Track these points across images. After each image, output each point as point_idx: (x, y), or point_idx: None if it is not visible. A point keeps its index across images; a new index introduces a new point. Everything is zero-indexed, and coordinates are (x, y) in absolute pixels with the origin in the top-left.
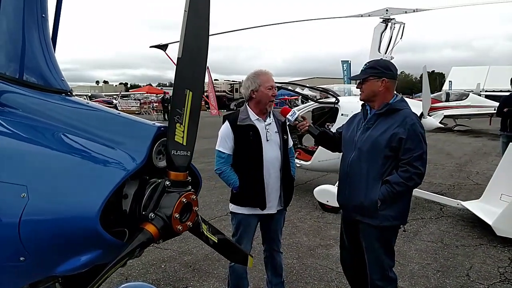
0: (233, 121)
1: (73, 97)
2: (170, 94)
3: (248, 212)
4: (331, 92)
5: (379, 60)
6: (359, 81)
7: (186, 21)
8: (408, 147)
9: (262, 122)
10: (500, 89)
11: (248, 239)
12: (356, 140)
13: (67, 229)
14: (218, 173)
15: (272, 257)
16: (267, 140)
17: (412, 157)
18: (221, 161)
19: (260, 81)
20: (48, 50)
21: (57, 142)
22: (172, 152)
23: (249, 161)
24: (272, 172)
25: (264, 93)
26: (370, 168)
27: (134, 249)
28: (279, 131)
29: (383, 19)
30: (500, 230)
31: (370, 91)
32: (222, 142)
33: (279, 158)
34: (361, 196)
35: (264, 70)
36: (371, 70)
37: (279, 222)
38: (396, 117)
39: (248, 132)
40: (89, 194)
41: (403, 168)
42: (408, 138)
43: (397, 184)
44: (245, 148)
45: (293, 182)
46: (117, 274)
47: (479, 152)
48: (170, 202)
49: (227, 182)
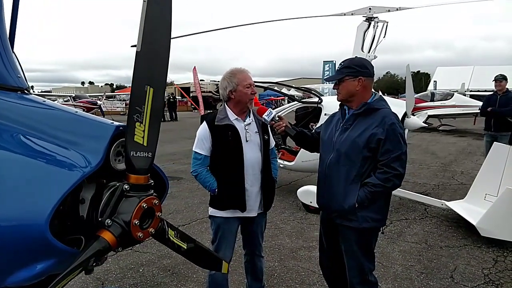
0: (210, 121)
1: (30, 95)
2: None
3: (227, 215)
4: (314, 92)
5: (353, 59)
6: (335, 82)
7: (145, 11)
8: (387, 148)
9: (241, 122)
10: (485, 89)
11: (228, 243)
12: (334, 141)
13: (15, 238)
14: (194, 175)
15: (253, 262)
16: (246, 141)
17: (390, 158)
18: (197, 162)
19: (237, 80)
20: (3, 45)
21: (6, 143)
22: (132, 154)
23: (228, 162)
24: (252, 174)
25: (243, 92)
26: (349, 170)
27: (88, 258)
28: (259, 131)
29: (366, 17)
30: (484, 231)
31: (347, 91)
32: (199, 143)
33: (259, 159)
34: (340, 199)
35: (240, 68)
36: (346, 69)
37: (260, 225)
38: (375, 116)
39: (226, 132)
40: (38, 199)
41: (381, 170)
42: (386, 138)
43: (375, 186)
44: (223, 149)
45: (274, 185)
46: (93, 279)
47: (464, 152)
48: (128, 208)
49: (204, 185)
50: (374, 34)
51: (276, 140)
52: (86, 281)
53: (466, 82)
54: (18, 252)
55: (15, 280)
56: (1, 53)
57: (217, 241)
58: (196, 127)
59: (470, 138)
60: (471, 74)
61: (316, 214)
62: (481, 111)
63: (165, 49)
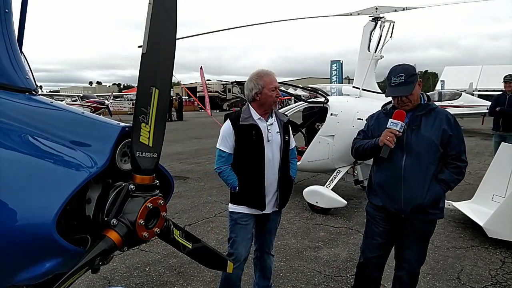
0: (235, 120)
1: (37, 96)
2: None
3: (245, 211)
4: (320, 92)
5: (407, 67)
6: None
7: (151, 14)
8: (456, 143)
9: (264, 122)
10: (493, 89)
11: (244, 241)
12: (405, 143)
13: (22, 237)
14: (218, 172)
15: (262, 258)
16: (268, 141)
17: (461, 151)
18: (222, 160)
19: (263, 83)
20: (12, 46)
21: (14, 144)
22: (137, 154)
23: (250, 161)
24: (271, 173)
25: (268, 95)
26: (428, 168)
27: (94, 257)
28: (280, 131)
29: (373, 17)
30: (492, 232)
31: (417, 97)
32: (223, 141)
33: (278, 159)
34: (420, 197)
35: (266, 70)
36: (413, 77)
37: (274, 222)
38: (437, 115)
39: (250, 132)
40: (45, 199)
41: (453, 164)
42: (454, 133)
43: (453, 181)
44: (246, 148)
45: (291, 184)
46: (100, 277)
47: (471, 152)
48: (134, 208)
49: (226, 182)
50: (381, 34)
51: None
52: (92, 279)
53: (474, 81)
54: (25, 251)
55: (22, 278)
56: (10, 54)
57: (234, 236)
58: (202, 126)
59: (478, 138)
60: (479, 73)
61: (322, 214)
62: (489, 111)
63: (170, 51)
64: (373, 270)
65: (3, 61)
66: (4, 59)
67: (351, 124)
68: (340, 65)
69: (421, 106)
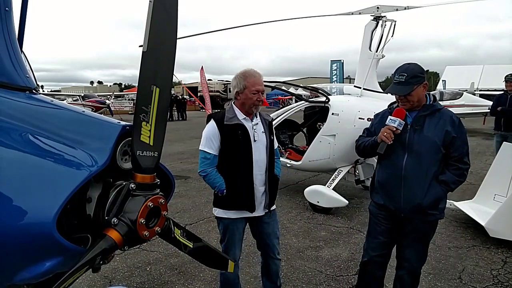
0: (219, 120)
1: (38, 95)
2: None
3: (235, 216)
4: (321, 91)
5: (413, 67)
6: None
7: (151, 12)
8: (459, 144)
9: (249, 122)
10: (495, 88)
11: (238, 243)
12: (407, 143)
13: (22, 236)
14: (203, 175)
15: (267, 263)
16: (254, 141)
17: (463, 153)
18: (207, 162)
19: (246, 83)
20: (12, 45)
21: (15, 143)
22: (138, 153)
23: (237, 161)
24: (259, 174)
25: (248, 97)
26: (429, 169)
27: (94, 257)
28: (266, 131)
29: (374, 16)
30: (493, 231)
31: (418, 99)
32: (208, 142)
33: (265, 159)
34: (419, 197)
35: (253, 71)
36: (414, 79)
37: (271, 226)
38: (441, 116)
39: (236, 132)
40: (46, 198)
41: (454, 166)
42: (458, 135)
43: (454, 183)
44: (233, 148)
45: (277, 183)
46: (101, 277)
47: (473, 152)
48: (135, 207)
49: (213, 185)
50: (382, 33)
51: (283, 139)
52: (94, 279)
53: (476, 81)
54: (26, 250)
55: (23, 277)
56: (10, 53)
57: (226, 241)
58: (203, 126)
59: (480, 138)
60: (481, 73)
61: (323, 214)
62: (491, 110)
63: (171, 50)
64: (376, 269)
65: (3, 59)
66: (4, 57)
67: (353, 124)
68: (340, 64)
69: (425, 106)
